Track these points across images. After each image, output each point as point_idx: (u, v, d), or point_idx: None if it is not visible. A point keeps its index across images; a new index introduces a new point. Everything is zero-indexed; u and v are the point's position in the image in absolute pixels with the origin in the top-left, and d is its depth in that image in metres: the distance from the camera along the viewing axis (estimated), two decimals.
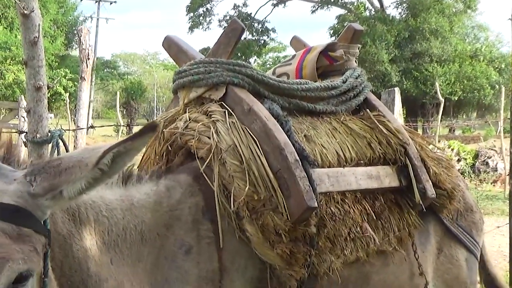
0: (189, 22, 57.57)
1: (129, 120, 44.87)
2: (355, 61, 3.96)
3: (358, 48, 4.01)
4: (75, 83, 37.64)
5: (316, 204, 2.97)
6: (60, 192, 2.20)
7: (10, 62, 43.95)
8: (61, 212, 2.45)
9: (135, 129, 44.77)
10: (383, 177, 3.51)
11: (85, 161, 2.20)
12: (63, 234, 2.44)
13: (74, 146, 10.47)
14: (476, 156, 24.31)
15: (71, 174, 2.19)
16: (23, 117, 18.95)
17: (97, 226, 2.63)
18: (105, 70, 69.75)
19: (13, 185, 2.20)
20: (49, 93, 4.43)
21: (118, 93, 43.37)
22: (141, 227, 2.79)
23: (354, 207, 3.35)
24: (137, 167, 3.15)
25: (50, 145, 4.18)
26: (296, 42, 4.31)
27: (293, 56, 3.98)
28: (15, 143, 2.41)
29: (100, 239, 2.63)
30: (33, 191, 2.19)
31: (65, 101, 38.14)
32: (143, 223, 2.79)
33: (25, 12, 4.35)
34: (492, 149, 24.91)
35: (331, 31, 50.41)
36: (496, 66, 51.27)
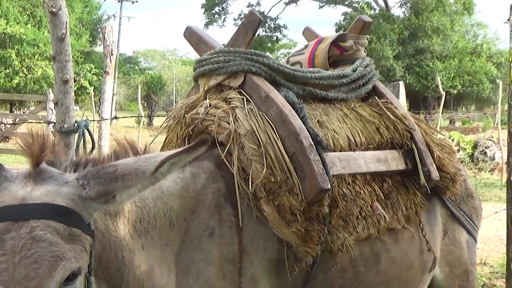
0: (205, 19, 57.78)
1: (150, 112, 44.92)
2: (364, 51, 3.95)
3: (367, 39, 4.00)
4: (99, 77, 37.72)
5: (329, 186, 2.97)
6: (113, 196, 2.23)
7: (38, 58, 44.04)
8: None
9: (155, 120, 45.08)
10: (391, 160, 3.51)
11: (142, 169, 2.24)
12: (101, 229, 2.45)
13: (99, 136, 10.48)
14: (475, 146, 24.26)
15: (128, 181, 2.23)
16: (51, 109, 19.05)
17: (130, 216, 2.64)
18: (127, 66, 70.01)
19: (65, 188, 2.22)
20: (75, 87, 4.46)
21: (139, 87, 43.42)
22: (170, 213, 2.80)
23: (364, 188, 3.36)
24: (160, 150, 3.15)
25: (76, 134, 4.19)
26: (308, 33, 4.29)
27: (306, 46, 3.97)
28: (58, 147, 2.41)
29: (132, 227, 2.64)
30: (85, 195, 2.22)
31: (90, 94, 38.28)
32: (171, 210, 2.81)
33: (53, 10, 4.40)
34: (490, 140, 24.86)
35: (337, 27, 50.48)
36: (494, 62, 51.42)
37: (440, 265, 3.83)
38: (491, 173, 22.52)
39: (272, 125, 3.07)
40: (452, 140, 23.43)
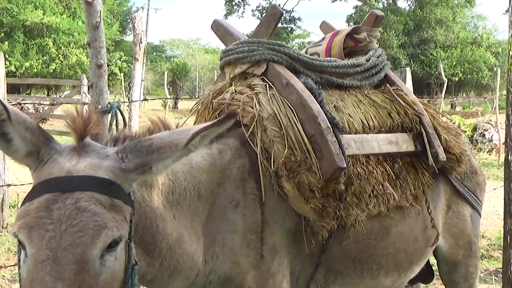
0: (225, 10, 57.75)
1: (175, 97, 44.92)
2: (376, 43, 3.94)
3: (379, 32, 3.99)
4: (129, 64, 37.83)
5: (345, 165, 2.99)
6: (150, 168, 2.25)
7: (73, 46, 44.18)
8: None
9: (180, 104, 45.23)
10: (401, 142, 3.51)
11: (176, 142, 2.26)
12: (138, 200, 2.46)
13: (129, 117, 10.50)
14: (474, 129, 24.19)
15: (163, 153, 2.25)
16: (85, 93, 19.15)
17: (164, 188, 2.65)
18: (154, 54, 70.04)
19: (106, 161, 2.24)
20: (107, 72, 4.51)
21: (165, 73, 43.53)
22: (198, 186, 2.81)
23: (377, 168, 3.36)
24: None
25: (109, 115, 4.21)
26: (324, 26, 4.29)
27: (323, 38, 3.97)
28: (100, 123, 2.43)
29: (165, 199, 2.66)
30: (124, 167, 2.24)
31: (120, 80, 38.41)
32: (200, 183, 2.82)
33: (89, 0, 4.43)
34: (488, 123, 24.75)
35: (349, 19, 50.36)
36: (493, 51, 51.58)
37: (445, 236, 3.84)
38: (489, 154, 22.56)
39: (293, 109, 3.09)
40: (453, 123, 23.36)
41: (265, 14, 3.59)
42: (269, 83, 3.21)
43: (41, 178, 2.18)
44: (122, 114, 4.24)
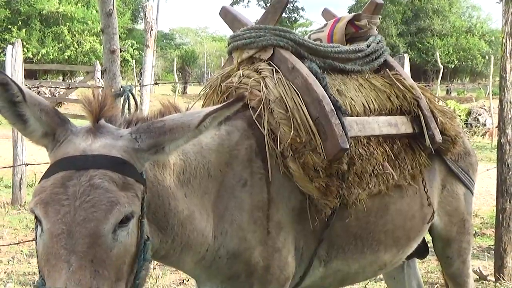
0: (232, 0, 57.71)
1: (184, 82, 44.86)
2: (376, 30, 3.93)
3: (379, 19, 3.98)
4: (140, 51, 37.79)
5: (348, 146, 3.00)
6: (162, 148, 2.26)
7: (87, 33, 44.19)
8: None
9: (189, 89, 45.19)
10: (400, 125, 3.50)
11: (188, 123, 2.26)
12: (151, 179, 2.47)
13: (140, 101, 10.51)
14: (468, 114, 24.17)
15: (175, 134, 2.25)
16: (98, 78, 19.18)
17: (175, 168, 2.66)
18: (164, 41, 69.88)
19: (120, 141, 2.25)
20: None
21: (175, 60, 43.48)
22: (208, 166, 2.81)
23: (377, 149, 3.36)
24: None
25: (122, 98, 4.21)
26: (326, 13, 4.27)
27: (325, 25, 3.96)
28: (114, 106, 2.44)
29: (176, 178, 2.66)
30: (137, 147, 2.25)
31: (132, 67, 38.41)
32: (209, 163, 2.82)
33: None
34: (482, 108, 24.73)
35: (350, 11, 50.25)
36: (487, 40, 51.92)
37: (440, 214, 3.85)
38: (483, 137, 22.62)
39: (298, 92, 3.08)
40: (449, 108, 23.35)
41: (271, 1, 3.58)
42: (276, 67, 3.20)
43: (57, 158, 2.20)
44: (134, 98, 4.25)
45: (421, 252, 3.98)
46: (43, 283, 2.08)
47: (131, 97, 4.20)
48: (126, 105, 4.17)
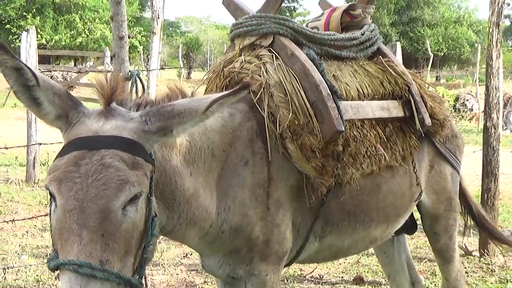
0: None
1: (189, 68, 44.81)
2: (370, 19, 3.91)
3: (373, 9, 3.97)
4: (147, 38, 37.63)
5: (343, 128, 3.00)
6: (171, 130, 2.27)
7: (97, 21, 44.23)
8: None
9: (193, 74, 45.12)
10: (392, 109, 3.50)
11: (195, 108, 2.26)
12: (159, 159, 2.47)
13: (147, 85, 10.52)
14: (456, 99, 24.23)
15: (183, 118, 2.25)
16: (108, 63, 19.15)
17: (181, 148, 2.66)
18: (170, 29, 69.76)
19: (130, 123, 2.25)
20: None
21: (180, 46, 43.34)
22: (212, 146, 2.81)
23: (370, 131, 3.36)
24: None
25: (130, 82, 4.21)
26: (323, 3, 4.25)
27: (322, 14, 3.96)
28: (125, 89, 2.44)
29: (182, 157, 2.66)
30: (147, 129, 2.25)
31: (139, 53, 38.34)
32: (213, 143, 2.82)
33: None
34: (469, 94, 24.78)
35: (346, 0, 50.23)
36: (474, 29, 52.05)
37: (428, 193, 3.86)
38: (470, 121, 22.68)
39: (297, 77, 3.08)
40: (438, 93, 23.39)
41: None
42: (275, 54, 3.19)
43: (70, 138, 2.21)
44: (141, 82, 4.24)
45: (410, 228, 4.00)
46: (56, 255, 2.10)
47: (138, 81, 4.19)
48: (134, 89, 4.16)
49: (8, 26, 41.15)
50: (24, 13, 42.36)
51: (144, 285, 2.36)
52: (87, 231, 2.03)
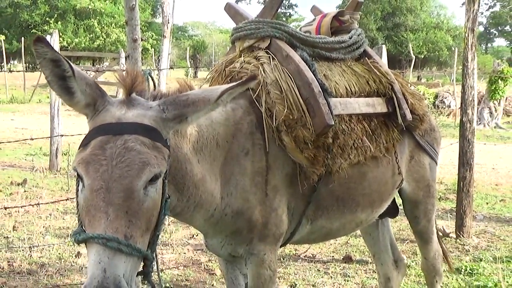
0: None
1: (195, 68, 44.74)
2: (357, 24, 3.90)
3: (360, 15, 3.95)
4: (158, 41, 37.62)
5: (333, 123, 2.99)
6: (186, 118, 2.28)
7: (114, 26, 44.32)
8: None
9: (199, 73, 45.05)
10: (377, 105, 3.49)
11: (208, 97, 2.28)
12: (173, 146, 2.46)
13: (158, 83, 10.50)
14: (436, 97, 24.21)
15: (197, 106, 2.27)
16: (122, 63, 19.13)
17: (191, 138, 2.65)
18: (179, 33, 69.43)
19: (149, 111, 2.26)
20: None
21: (187, 49, 43.24)
22: (217, 137, 2.81)
23: (357, 125, 3.35)
24: None
25: None
26: (315, 10, 4.23)
27: (313, 19, 3.94)
28: (144, 82, 2.45)
29: (192, 146, 2.65)
30: (164, 116, 2.26)
31: (151, 55, 38.29)
32: (218, 134, 2.81)
33: None
34: (447, 92, 24.76)
35: (337, 8, 50.29)
36: (452, 34, 52.30)
37: (408, 180, 3.84)
38: (447, 117, 22.69)
39: (291, 76, 3.07)
40: (419, 91, 23.39)
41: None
42: (272, 55, 3.18)
43: (96, 124, 2.22)
44: (153, 80, 4.23)
45: (393, 212, 3.99)
46: (83, 230, 2.10)
47: (150, 79, 4.19)
48: (146, 86, 4.15)
49: (33, 30, 41.33)
50: (48, 19, 42.61)
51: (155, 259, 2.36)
52: (113, 208, 2.03)
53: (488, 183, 10.90)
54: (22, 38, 32.58)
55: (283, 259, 6.18)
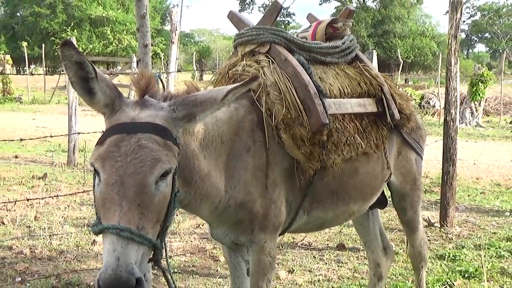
0: (238, 7, 58.16)
1: (201, 71, 44.68)
2: (349, 31, 3.88)
3: (352, 23, 3.93)
4: (167, 47, 37.60)
5: (327, 121, 2.98)
6: (194, 117, 2.27)
7: (125, 33, 44.41)
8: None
9: (205, 76, 45.02)
10: (367, 105, 3.47)
11: (215, 97, 2.28)
12: (182, 143, 2.44)
13: (167, 85, 10.49)
14: (422, 98, 24.16)
15: (205, 106, 2.27)
16: (134, 67, 19.08)
17: (198, 135, 2.63)
18: (186, 39, 69.35)
19: (161, 112, 2.25)
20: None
21: (194, 54, 43.20)
22: (221, 135, 2.79)
23: (350, 124, 3.32)
24: None
25: None
26: (311, 17, 4.21)
27: (309, 26, 3.92)
28: (156, 85, 2.43)
29: (199, 143, 2.64)
30: (175, 116, 2.26)
31: (160, 59, 38.26)
32: (222, 132, 2.79)
33: None
34: (432, 94, 24.72)
35: (330, 15, 50.38)
36: (436, 41, 52.63)
37: (396, 174, 3.81)
38: (432, 116, 22.67)
39: (289, 79, 3.05)
40: (406, 92, 23.39)
41: (268, 7, 3.54)
42: (272, 59, 3.16)
43: (112, 123, 2.21)
44: (162, 82, 4.21)
45: (382, 203, 3.98)
46: (99, 222, 2.09)
47: (159, 81, 4.19)
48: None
49: (52, 38, 41.47)
50: (65, 27, 42.76)
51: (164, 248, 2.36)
52: (126, 201, 2.03)
53: (469, 177, 10.89)
54: (43, 44, 32.64)
55: (282, 247, 6.18)
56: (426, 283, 4.54)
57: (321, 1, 58.98)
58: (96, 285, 1.98)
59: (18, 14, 48.85)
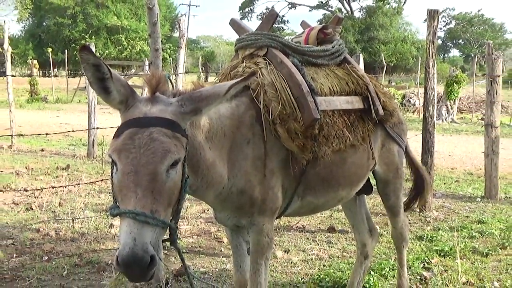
0: (239, 16, 58.26)
1: (206, 73, 44.64)
2: (338, 36, 3.87)
3: (340, 29, 3.92)
4: (175, 52, 37.56)
5: (319, 117, 2.97)
6: (200, 110, 2.27)
7: (138, 39, 44.46)
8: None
9: (209, 78, 45.00)
10: (355, 102, 3.45)
11: (218, 92, 2.27)
12: (190, 135, 2.43)
13: (175, 85, 10.48)
14: (403, 97, 24.15)
15: (209, 100, 2.26)
16: (147, 70, 19.02)
17: (204, 128, 2.62)
18: (192, 45, 69.26)
19: (170, 107, 2.25)
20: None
21: (199, 58, 43.09)
22: (224, 128, 2.77)
23: (339, 119, 3.30)
24: None
25: None
26: (304, 24, 4.19)
27: (302, 32, 3.90)
28: (165, 83, 2.42)
29: (204, 136, 2.62)
30: (183, 111, 2.25)
31: (169, 62, 38.24)
32: (225, 126, 2.78)
33: (150, 6, 4.47)
34: (412, 93, 24.69)
35: (320, 22, 50.38)
36: (416, 46, 52.86)
37: (380, 164, 3.80)
38: (413, 113, 22.67)
39: (284, 78, 3.04)
40: (390, 92, 23.40)
41: (265, 15, 3.53)
42: (269, 61, 3.14)
43: (126, 118, 2.21)
44: (171, 82, 4.21)
45: (368, 190, 3.97)
46: (117, 205, 2.11)
47: (169, 81, 4.18)
48: None
49: (73, 44, 41.60)
50: (84, 35, 42.92)
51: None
52: (141, 189, 2.03)
53: (445, 167, 10.89)
54: (65, 50, 32.67)
55: (279, 230, 6.19)
56: (407, 261, 4.55)
57: (310, 8, 59.30)
58: (115, 262, 1.99)
59: (44, 24, 49.24)
